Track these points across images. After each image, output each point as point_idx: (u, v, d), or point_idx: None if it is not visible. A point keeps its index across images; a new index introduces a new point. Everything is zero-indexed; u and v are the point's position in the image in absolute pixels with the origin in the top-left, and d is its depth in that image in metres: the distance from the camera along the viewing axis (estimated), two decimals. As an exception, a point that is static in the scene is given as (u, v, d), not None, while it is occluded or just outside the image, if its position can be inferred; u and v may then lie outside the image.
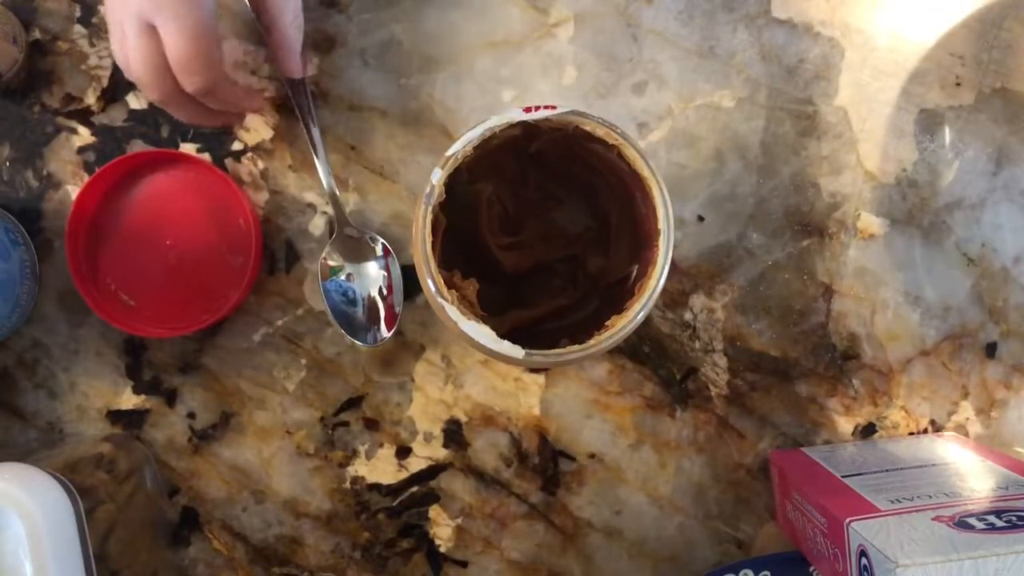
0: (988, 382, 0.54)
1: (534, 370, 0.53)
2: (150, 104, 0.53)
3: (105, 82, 0.53)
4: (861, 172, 0.53)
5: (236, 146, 0.53)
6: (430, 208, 0.40)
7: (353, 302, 0.51)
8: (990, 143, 0.54)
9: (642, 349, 0.53)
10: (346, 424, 0.53)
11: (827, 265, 0.53)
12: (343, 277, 0.51)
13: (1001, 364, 0.54)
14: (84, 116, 0.53)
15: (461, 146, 0.41)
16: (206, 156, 0.53)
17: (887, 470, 0.49)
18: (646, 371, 0.53)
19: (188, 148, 0.53)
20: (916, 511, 0.43)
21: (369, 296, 0.52)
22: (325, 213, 0.53)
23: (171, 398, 0.53)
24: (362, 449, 0.53)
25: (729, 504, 0.53)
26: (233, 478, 0.53)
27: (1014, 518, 0.41)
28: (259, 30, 0.52)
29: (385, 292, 0.52)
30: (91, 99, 0.53)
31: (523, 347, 0.40)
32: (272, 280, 0.53)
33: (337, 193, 0.51)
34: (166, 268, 0.52)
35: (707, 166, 0.53)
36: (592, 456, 0.53)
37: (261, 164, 0.53)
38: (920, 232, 0.54)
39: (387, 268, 0.52)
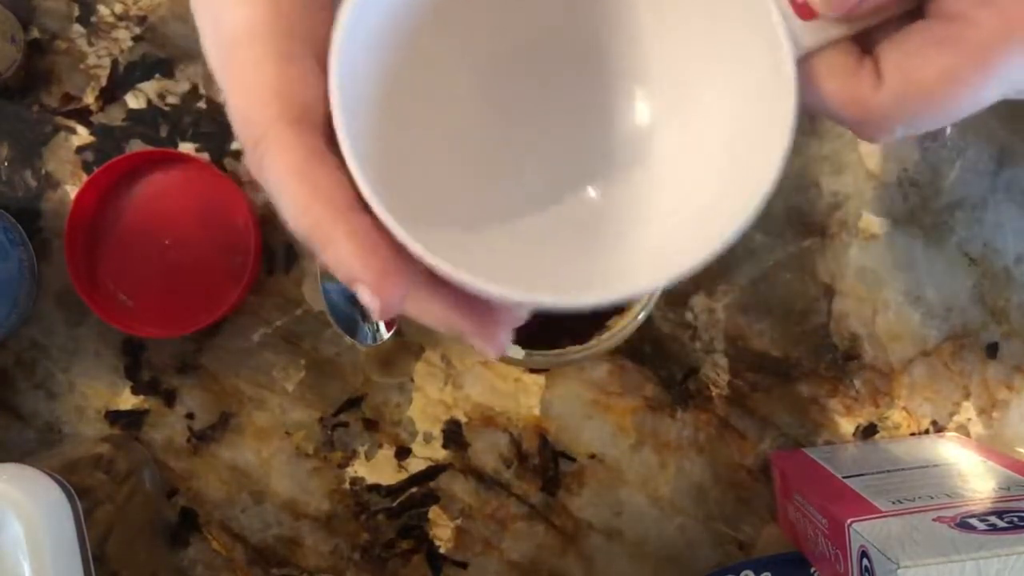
0: (990, 382, 0.54)
1: (534, 370, 0.53)
2: (148, 103, 0.53)
3: (104, 81, 0.53)
4: (862, 172, 0.53)
5: (236, 146, 0.53)
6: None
7: (353, 302, 0.51)
8: (992, 142, 0.53)
9: (642, 349, 0.53)
10: (345, 424, 0.53)
11: (828, 265, 0.53)
12: (343, 277, 0.51)
13: (1003, 364, 0.54)
14: (83, 116, 0.53)
15: None
16: (205, 156, 0.53)
17: (888, 471, 0.48)
18: (647, 371, 0.53)
19: (187, 148, 0.53)
20: (917, 512, 0.43)
21: (369, 296, 0.51)
22: (325, 213, 0.53)
23: (170, 398, 0.53)
24: (361, 450, 0.53)
25: (730, 505, 0.53)
26: (232, 479, 0.53)
27: (1016, 519, 0.41)
28: None
29: (385, 292, 0.51)
30: (90, 98, 0.53)
31: (523, 347, 0.40)
32: (271, 280, 0.53)
33: (337, 193, 0.51)
34: (165, 268, 0.51)
35: (708, 166, 0.53)
36: (592, 457, 0.53)
37: (260, 164, 0.53)
38: (921, 232, 0.54)
39: (387, 268, 0.52)
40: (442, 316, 0.30)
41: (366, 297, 0.28)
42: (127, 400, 0.53)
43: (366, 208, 0.27)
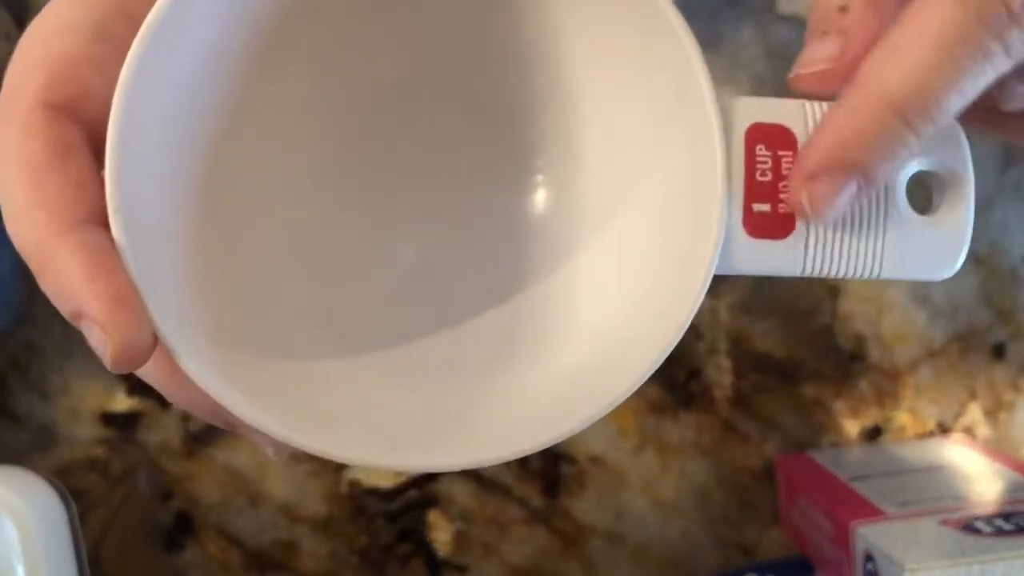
0: (996, 384, 0.53)
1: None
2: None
3: (100, 80, 0.52)
4: (867, 170, 0.53)
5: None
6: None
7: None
8: (998, 141, 0.53)
9: (644, 350, 0.53)
10: (344, 427, 0.53)
11: (832, 265, 0.53)
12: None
13: (1010, 365, 0.53)
14: (78, 114, 0.52)
15: None
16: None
17: (893, 473, 0.48)
18: (648, 373, 0.53)
19: (184, 147, 0.52)
20: (923, 515, 0.43)
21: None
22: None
23: (165, 400, 0.52)
24: (360, 452, 0.53)
25: (733, 508, 0.53)
26: (228, 481, 0.52)
27: (1022, 521, 0.41)
28: None
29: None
30: (85, 97, 0.52)
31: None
32: (269, 280, 0.52)
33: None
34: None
35: (710, 164, 0.53)
36: (594, 459, 0.53)
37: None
38: (927, 231, 0.53)
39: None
40: (210, 409, 0.23)
41: (95, 337, 0.21)
42: (122, 402, 0.52)
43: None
